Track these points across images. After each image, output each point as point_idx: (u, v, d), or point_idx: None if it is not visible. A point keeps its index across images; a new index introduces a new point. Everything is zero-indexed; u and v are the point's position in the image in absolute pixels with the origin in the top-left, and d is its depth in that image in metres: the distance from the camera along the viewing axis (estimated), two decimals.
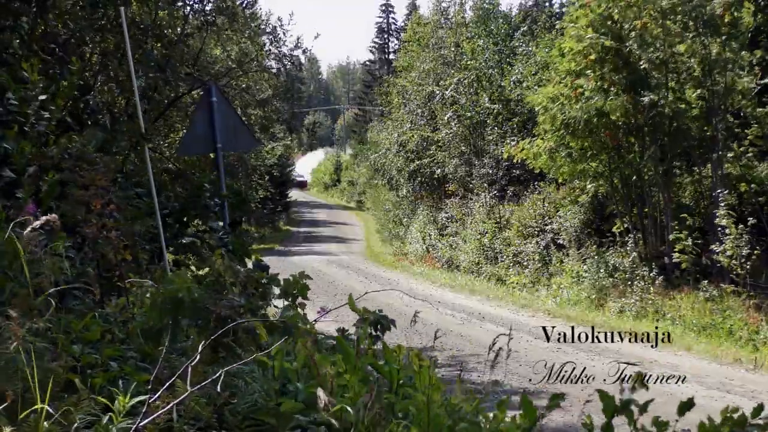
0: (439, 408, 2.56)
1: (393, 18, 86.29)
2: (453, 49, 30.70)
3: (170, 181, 8.61)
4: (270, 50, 15.10)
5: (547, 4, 42.86)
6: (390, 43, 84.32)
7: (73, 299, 3.55)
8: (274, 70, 15.26)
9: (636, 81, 16.88)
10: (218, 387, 2.30)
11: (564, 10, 28.20)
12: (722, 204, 15.20)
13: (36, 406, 2.32)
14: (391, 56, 78.70)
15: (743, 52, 15.90)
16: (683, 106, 16.49)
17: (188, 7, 13.29)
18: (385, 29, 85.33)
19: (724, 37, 15.79)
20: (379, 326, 3.38)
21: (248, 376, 2.66)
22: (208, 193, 6.95)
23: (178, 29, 12.43)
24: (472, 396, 2.81)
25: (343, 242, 38.13)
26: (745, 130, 16.48)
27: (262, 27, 15.37)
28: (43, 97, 4.98)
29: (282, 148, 15.78)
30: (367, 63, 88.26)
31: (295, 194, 57.42)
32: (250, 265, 5.72)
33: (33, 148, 4.58)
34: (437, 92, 30.19)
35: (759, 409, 2.22)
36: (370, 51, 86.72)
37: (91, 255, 3.79)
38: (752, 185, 16.41)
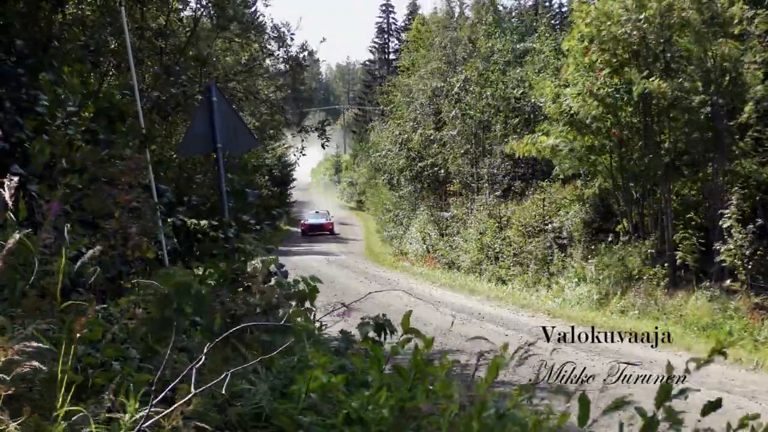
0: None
1: (393, 18, 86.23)
2: (466, 45, 30.69)
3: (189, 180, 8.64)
4: (278, 54, 15.34)
5: (546, 3, 42.90)
6: (390, 44, 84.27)
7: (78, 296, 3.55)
8: (281, 70, 15.46)
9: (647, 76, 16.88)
10: (223, 389, 2.30)
11: (564, 10, 28.23)
12: (731, 203, 15.17)
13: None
14: (391, 56, 78.67)
15: (752, 50, 15.88)
16: (695, 100, 16.44)
17: (201, 10, 13.43)
18: (385, 29, 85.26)
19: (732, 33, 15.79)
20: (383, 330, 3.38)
21: (254, 377, 2.66)
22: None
23: (187, 32, 12.51)
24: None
25: (342, 242, 38.13)
26: (752, 129, 16.41)
27: (269, 32, 15.65)
28: (72, 108, 4.99)
29: (293, 150, 15.97)
30: (367, 63, 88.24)
31: (295, 195, 57.39)
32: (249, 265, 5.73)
33: (60, 149, 4.57)
34: (444, 87, 30.16)
35: None
36: (370, 51, 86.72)
37: (100, 253, 3.79)
38: (762, 184, 16.36)
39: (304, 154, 17.08)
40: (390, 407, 2.44)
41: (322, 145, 16.72)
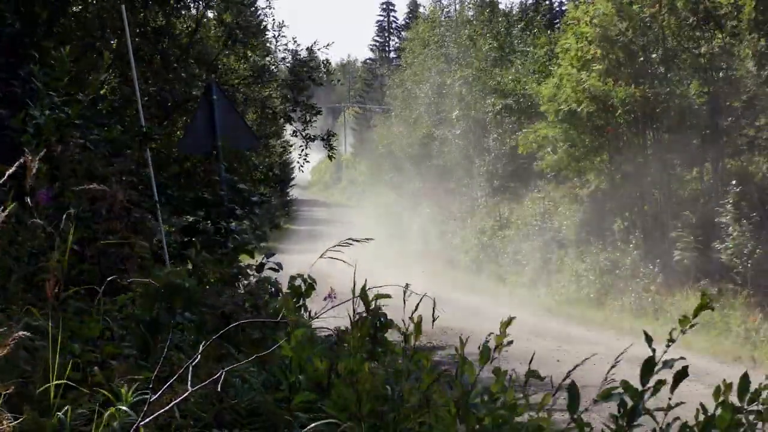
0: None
1: (394, 17, 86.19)
2: (455, 46, 30.71)
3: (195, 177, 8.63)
4: (292, 66, 15.18)
5: (547, 2, 42.87)
6: (391, 42, 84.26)
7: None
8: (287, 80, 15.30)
9: (639, 74, 16.94)
10: (218, 387, 2.30)
11: (564, 8, 28.24)
12: (727, 200, 15.17)
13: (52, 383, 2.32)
14: (392, 55, 78.63)
15: (744, 44, 15.90)
16: (694, 98, 16.47)
17: (206, 12, 13.40)
18: (386, 28, 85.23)
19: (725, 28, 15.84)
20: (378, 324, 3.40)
21: (248, 374, 2.66)
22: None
23: (189, 31, 12.49)
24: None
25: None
26: (755, 122, 16.40)
27: (283, 43, 15.54)
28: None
29: (296, 155, 15.75)
30: (368, 61, 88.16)
31: (296, 193, 57.32)
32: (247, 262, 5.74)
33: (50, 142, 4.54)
34: (446, 84, 30.11)
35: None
36: (371, 50, 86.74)
37: (96, 251, 3.79)
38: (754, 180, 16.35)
39: (307, 161, 16.82)
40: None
41: (329, 157, 16.49)
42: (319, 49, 15.72)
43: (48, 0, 7.08)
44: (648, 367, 2.27)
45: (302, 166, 16.53)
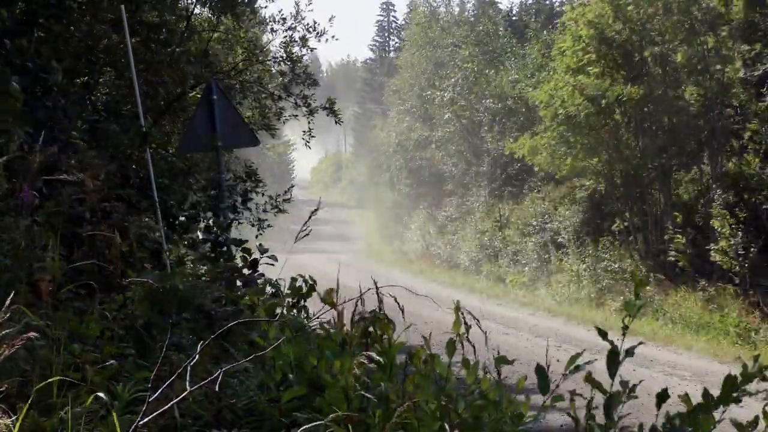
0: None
1: (394, 16, 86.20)
2: (448, 49, 30.69)
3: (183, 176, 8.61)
4: (288, 38, 14.73)
5: (547, 2, 42.86)
6: (391, 42, 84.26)
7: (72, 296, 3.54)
8: (283, 58, 14.94)
9: (635, 76, 16.98)
10: (217, 386, 2.29)
11: (564, 8, 28.21)
12: (717, 202, 15.19)
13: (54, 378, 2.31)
14: (392, 55, 78.63)
15: (742, 46, 15.92)
16: (688, 98, 16.50)
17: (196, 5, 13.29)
18: (386, 27, 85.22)
19: (719, 32, 15.88)
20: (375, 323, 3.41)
21: (245, 374, 2.66)
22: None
23: (182, 26, 12.45)
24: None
25: (343, 240, 38.11)
26: (746, 125, 16.44)
27: (273, 17, 15.10)
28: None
29: (300, 137, 15.17)
30: (368, 61, 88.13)
31: (295, 193, 57.36)
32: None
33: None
34: (437, 94, 30.09)
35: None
36: (371, 49, 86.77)
37: (89, 252, 3.78)
38: (751, 182, 16.37)
39: (313, 136, 16.26)
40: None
41: (336, 122, 16.09)
42: (302, 9, 15.05)
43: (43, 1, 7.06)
44: (613, 358, 2.36)
45: (308, 142, 16.14)
